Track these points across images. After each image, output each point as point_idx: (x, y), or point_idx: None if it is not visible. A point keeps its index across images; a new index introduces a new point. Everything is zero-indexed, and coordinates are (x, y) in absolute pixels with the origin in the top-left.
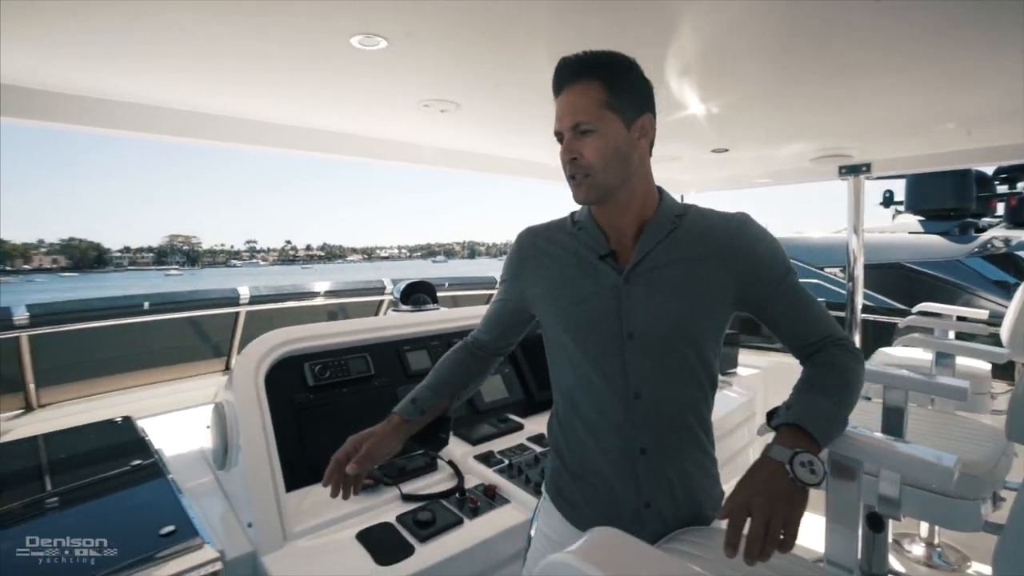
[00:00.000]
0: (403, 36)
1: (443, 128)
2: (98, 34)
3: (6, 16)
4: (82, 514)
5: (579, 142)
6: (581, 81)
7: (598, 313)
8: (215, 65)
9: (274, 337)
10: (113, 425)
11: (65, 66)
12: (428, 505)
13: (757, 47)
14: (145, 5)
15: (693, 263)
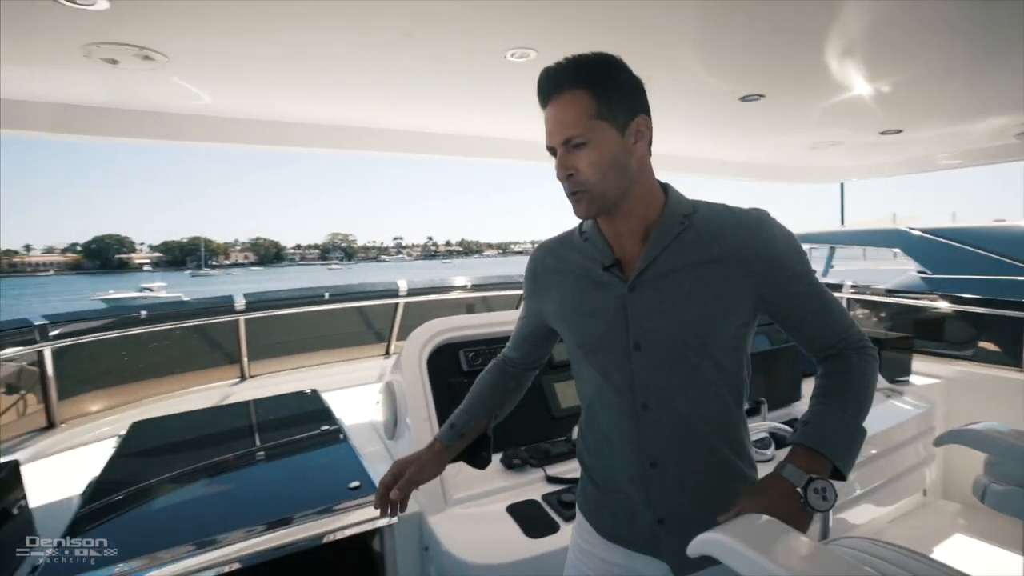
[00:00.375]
0: (552, 46)
1: None
2: (287, 64)
3: (214, 62)
4: (285, 466)
5: (573, 156)
6: (567, 91)
7: (606, 324)
8: (381, 84)
9: (434, 326)
10: (304, 396)
11: (260, 96)
12: (571, 488)
13: (938, 17)
14: (320, 40)
15: (705, 266)
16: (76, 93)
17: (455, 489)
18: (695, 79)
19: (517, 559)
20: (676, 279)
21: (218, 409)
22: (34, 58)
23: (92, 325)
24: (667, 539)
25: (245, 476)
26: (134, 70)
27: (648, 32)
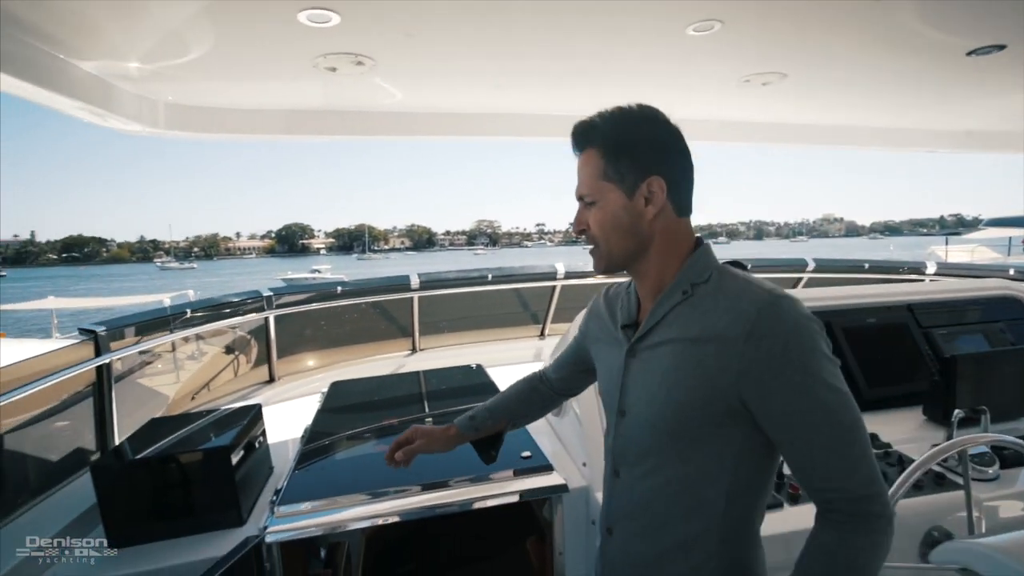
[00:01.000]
0: (737, 17)
1: (764, 102)
2: (473, 58)
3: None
4: None
5: (586, 213)
6: (585, 150)
7: (610, 382)
8: (561, 69)
9: None
10: (470, 369)
11: (446, 89)
12: None
13: None
14: (502, 31)
15: (688, 344)
16: (299, 100)
17: None
18: (912, 35)
19: None
20: (662, 352)
21: (396, 377)
22: (271, 73)
23: (302, 297)
24: None
25: None
26: (347, 75)
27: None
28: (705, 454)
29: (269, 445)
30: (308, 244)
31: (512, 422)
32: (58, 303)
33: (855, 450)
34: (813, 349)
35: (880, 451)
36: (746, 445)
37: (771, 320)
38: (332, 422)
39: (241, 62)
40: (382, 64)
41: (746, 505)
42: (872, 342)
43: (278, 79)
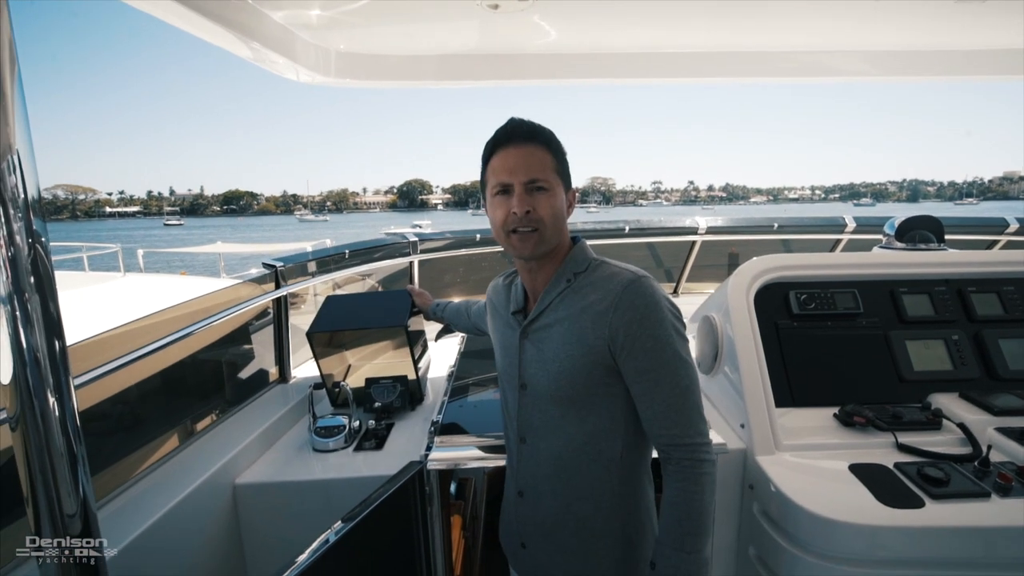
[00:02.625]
0: None
1: (982, 23)
2: None
3: None
4: None
5: (531, 198)
6: (532, 144)
7: (507, 361)
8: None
9: (763, 262)
10: None
11: (603, 28)
12: (936, 463)
13: None
14: None
15: (574, 322)
16: (456, 44)
17: (786, 435)
18: None
19: (873, 524)
20: (553, 332)
21: None
22: (434, 15)
23: (443, 243)
24: (526, 562)
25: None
26: (508, 12)
27: None
28: (599, 413)
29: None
30: (426, 200)
31: (447, 325)
32: (223, 248)
33: (688, 406)
34: (662, 320)
35: None
36: (631, 401)
37: (631, 295)
38: (471, 366)
39: (407, 5)
40: (541, 2)
41: (638, 448)
42: None
43: (442, 21)
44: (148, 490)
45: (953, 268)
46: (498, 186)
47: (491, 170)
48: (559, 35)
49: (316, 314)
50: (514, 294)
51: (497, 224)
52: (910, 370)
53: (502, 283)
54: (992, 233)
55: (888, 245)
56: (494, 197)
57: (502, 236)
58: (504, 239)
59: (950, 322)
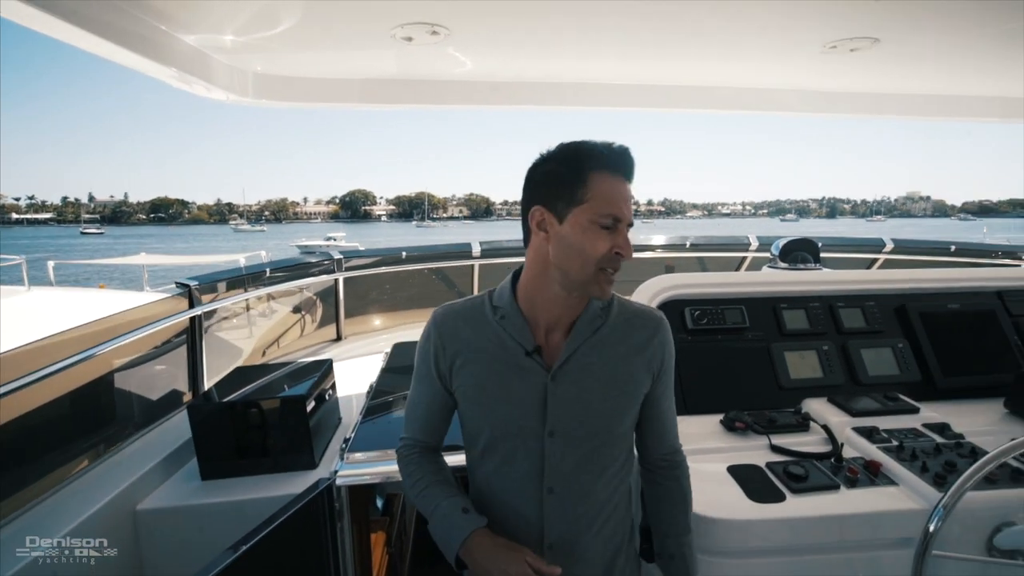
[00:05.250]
0: None
1: (852, 69)
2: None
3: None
4: None
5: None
6: (631, 180)
7: (522, 411)
8: (626, 37)
9: (661, 282)
10: None
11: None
12: (800, 461)
13: None
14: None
15: (620, 361)
16: (376, 69)
17: None
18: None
19: (742, 519)
20: (595, 371)
21: None
22: (351, 44)
23: (369, 261)
24: None
25: None
26: (421, 44)
27: None
28: (627, 439)
29: (338, 398)
30: (370, 210)
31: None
32: (148, 259)
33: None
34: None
35: (950, 441)
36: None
37: (666, 330)
38: (394, 381)
39: (325, 33)
40: (456, 34)
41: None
42: (953, 328)
43: (358, 49)
44: (41, 517)
45: (826, 286)
46: (609, 217)
47: (599, 192)
48: (475, 65)
49: (218, 381)
50: (514, 331)
51: (593, 256)
52: (787, 378)
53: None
54: (872, 252)
55: (774, 265)
56: (596, 227)
57: (590, 269)
58: (592, 272)
59: (822, 334)
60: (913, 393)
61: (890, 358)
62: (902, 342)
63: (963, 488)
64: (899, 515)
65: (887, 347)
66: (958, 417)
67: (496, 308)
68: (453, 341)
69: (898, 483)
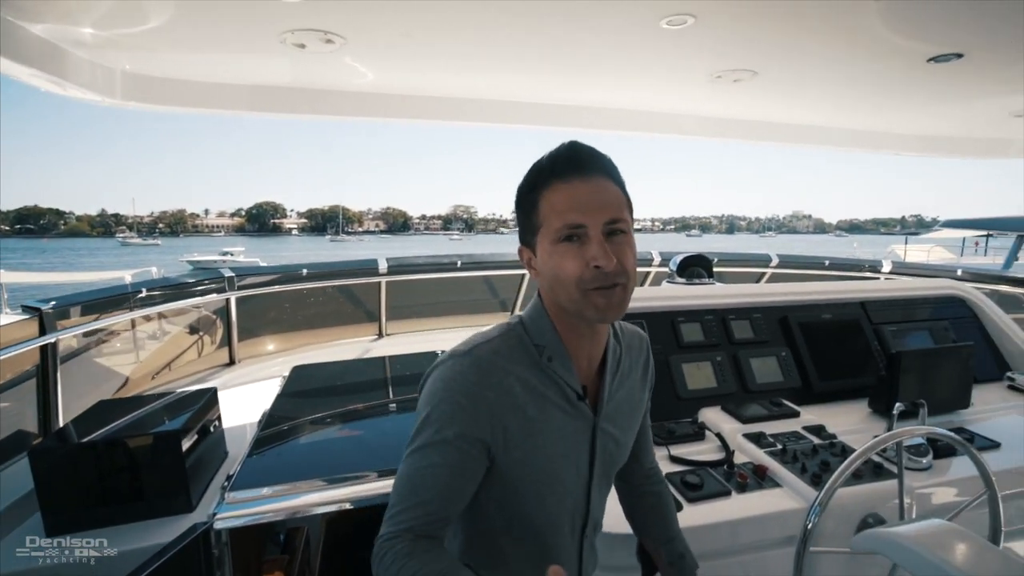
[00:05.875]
0: (711, 11)
1: (735, 98)
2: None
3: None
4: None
5: (614, 244)
6: (602, 176)
7: (576, 467)
8: (536, 58)
9: None
10: (435, 356)
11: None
12: (696, 470)
13: None
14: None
15: (635, 388)
16: (267, 75)
17: None
18: (876, 40)
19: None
20: (623, 407)
21: (360, 362)
22: (235, 47)
23: (266, 279)
24: None
25: (377, 425)
26: (317, 52)
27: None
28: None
29: (225, 430)
30: (280, 224)
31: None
32: (9, 277)
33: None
34: None
35: (825, 442)
36: None
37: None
38: (291, 407)
39: (203, 33)
40: (353, 43)
41: None
42: (826, 337)
43: (244, 53)
44: None
45: (718, 299)
46: (565, 229)
47: (549, 207)
48: (377, 77)
49: (76, 418)
50: (563, 372)
51: (568, 279)
52: (685, 389)
53: (519, 362)
54: (759, 266)
55: (672, 280)
56: (558, 244)
57: (575, 295)
58: (579, 299)
59: (716, 345)
60: (795, 398)
61: (775, 366)
62: (785, 350)
63: (834, 486)
64: (783, 515)
65: (772, 356)
66: (832, 418)
67: (540, 348)
68: (509, 392)
69: (782, 485)
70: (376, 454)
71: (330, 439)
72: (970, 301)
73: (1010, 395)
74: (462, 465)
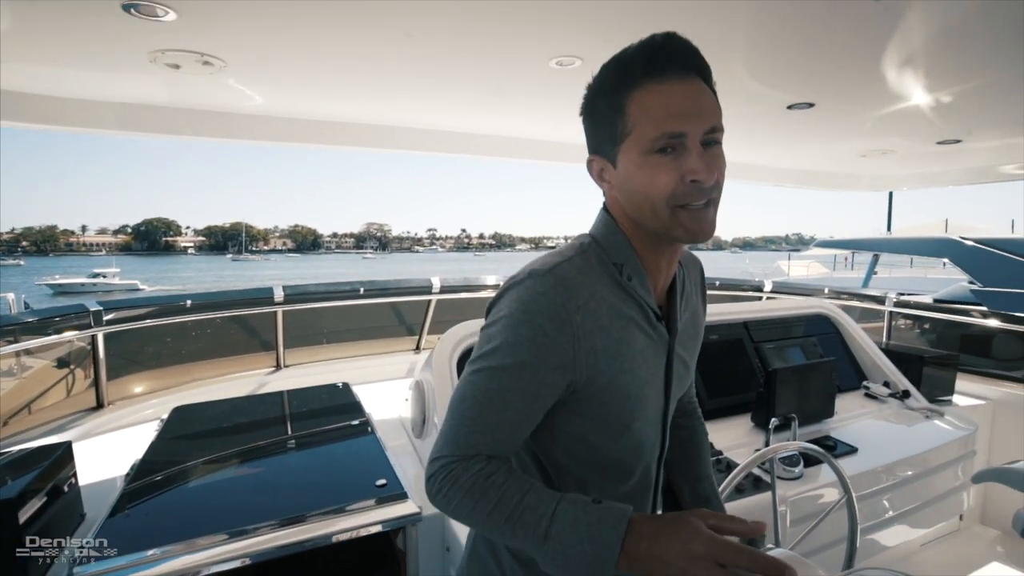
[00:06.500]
0: (597, 54)
1: None
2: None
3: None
4: (313, 460)
5: (711, 156)
6: (700, 78)
7: (656, 391)
8: (427, 85)
9: (465, 327)
10: (336, 389)
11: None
12: None
13: (1011, 26)
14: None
15: (697, 309)
16: (139, 94)
17: None
18: (742, 86)
19: None
20: (690, 329)
21: (254, 398)
22: (102, 63)
23: (141, 312)
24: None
25: (274, 467)
26: (194, 74)
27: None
28: None
29: (86, 487)
30: (173, 242)
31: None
32: None
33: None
34: None
35: (714, 459)
36: None
37: (702, 265)
38: (170, 453)
39: (56, 47)
40: (235, 66)
41: None
42: (713, 357)
43: (110, 70)
44: None
45: None
46: (663, 139)
47: (641, 111)
48: (266, 99)
49: None
50: (639, 293)
51: (660, 195)
52: None
53: (600, 281)
54: None
55: None
56: (650, 155)
57: (663, 212)
58: (667, 217)
59: None
60: None
61: None
62: None
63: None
64: None
65: None
66: (719, 433)
67: (618, 266)
68: (595, 313)
69: None
70: (276, 500)
71: (218, 488)
72: (833, 318)
73: (867, 402)
74: (536, 393)
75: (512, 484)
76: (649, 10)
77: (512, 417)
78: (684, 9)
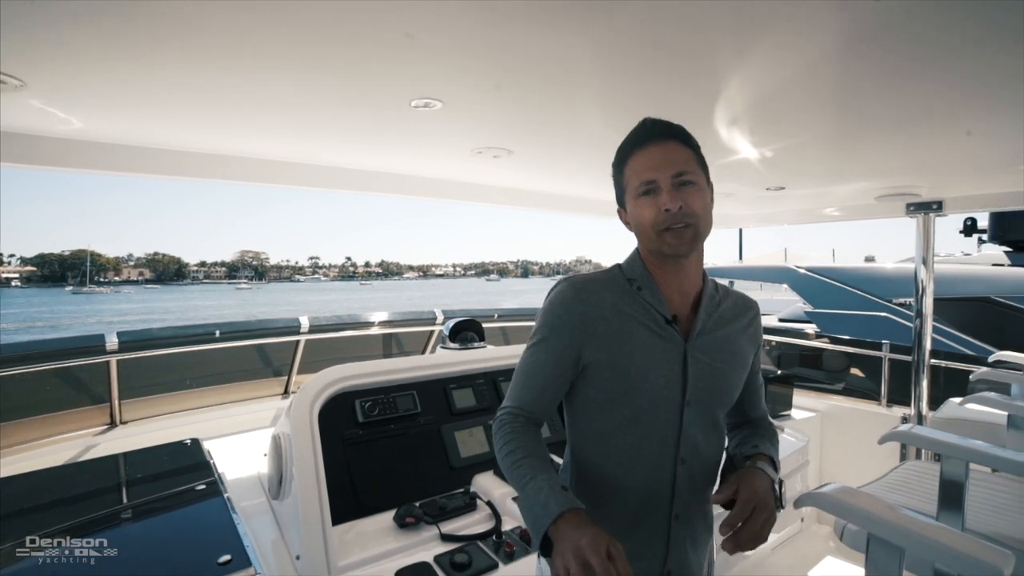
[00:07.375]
0: (456, 98)
1: (497, 170)
2: (171, 94)
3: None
4: (146, 537)
5: (681, 193)
6: (672, 141)
7: (664, 380)
8: (296, 121)
9: (329, 374)
10: (183, 447)
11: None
12: (465, 547)
13: (813, 98)
14: (208, 71)
15: (735, 335)
16: None
17: (341, 554)
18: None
19: None
20: (719, 343)
21: (75, 466)
22: None
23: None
24: None
25: (97, 551)
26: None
27: (550, 89)
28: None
29: None
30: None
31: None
32: None
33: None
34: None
35: None
36: None
37: (759, 310)
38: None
39: None
40: (37, 87)
41: None
42: None
43: None
44: None
45: (489, 363)
46: (643, 186)
47: (631, 171)
48: (87, 124)
49: None
50: (652, 300)
51: (647, 224)
52: (458, 458)
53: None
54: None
55: (445, 345)
56: (639, 198)
57: (652, 236)
58: (655, 239)
59: (487, 409)
60: (562, 453)
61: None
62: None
63: None
64: None
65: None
66: None
67: (631, 281)
68: (591, 311)
69: None
70: None
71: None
72: None
73: None
74: (557, 360)
75: (526, 444)
76: (505, 61)
77: (546, 380)
78: (539, 61)
